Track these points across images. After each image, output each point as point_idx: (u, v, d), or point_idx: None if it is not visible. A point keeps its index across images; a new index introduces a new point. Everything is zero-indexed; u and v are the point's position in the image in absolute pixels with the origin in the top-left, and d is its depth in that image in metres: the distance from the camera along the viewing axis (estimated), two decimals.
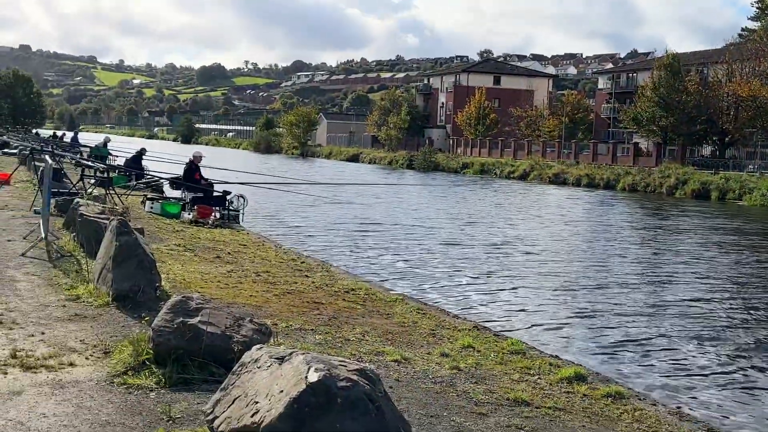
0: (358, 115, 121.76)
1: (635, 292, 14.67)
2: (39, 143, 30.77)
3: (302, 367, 3.90)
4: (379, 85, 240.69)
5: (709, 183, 46.49)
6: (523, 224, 27.00)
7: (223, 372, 5.44)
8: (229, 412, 4.12)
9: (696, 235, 25.83)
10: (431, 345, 8.03)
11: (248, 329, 6.11)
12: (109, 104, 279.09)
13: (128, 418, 4.98)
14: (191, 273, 10.55)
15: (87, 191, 17.47)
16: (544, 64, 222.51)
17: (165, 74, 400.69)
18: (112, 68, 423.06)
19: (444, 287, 14.18)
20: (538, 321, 11.81)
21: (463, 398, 6.18)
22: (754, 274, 17.76)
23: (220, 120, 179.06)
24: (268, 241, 17.11)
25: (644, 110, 61.18)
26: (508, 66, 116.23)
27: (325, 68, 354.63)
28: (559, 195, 44.65)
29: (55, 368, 5.89)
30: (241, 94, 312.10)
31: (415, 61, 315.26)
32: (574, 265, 17.91)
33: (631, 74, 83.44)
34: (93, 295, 8.22)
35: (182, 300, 6.20)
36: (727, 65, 58.71)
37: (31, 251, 10.67)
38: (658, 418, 6.33)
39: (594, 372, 8.00)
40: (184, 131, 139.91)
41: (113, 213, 11.75)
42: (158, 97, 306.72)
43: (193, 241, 14.05)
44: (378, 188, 43.80)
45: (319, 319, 8.59)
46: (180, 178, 19.35)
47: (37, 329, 6.94)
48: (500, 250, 19.91)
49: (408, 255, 18.00)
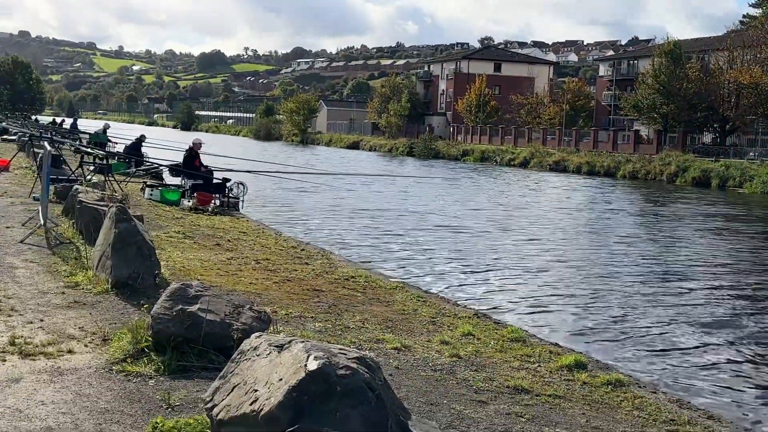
0: (358, 102, 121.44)
1: (635, 279, 14.65)
2: (38, 130, 30.68)
3: (302, 355, 3.88)
4: (379, 72, 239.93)
5: (709, 170, 46.40)
6: (523, 212, 26.96)
7: (223, 360, 5.43)
8: (228, 400, 4.09)
9: (695, 222, 25.81)
10: (431, 333, 8.01)
11: (248, 317, 6.08)
12: (108, 91, 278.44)
13: (127, 405, 4.96)
14: (191, 260, 10.53)
15: (86, 178, 17.42)
16: (544, 51, 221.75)
17: (164, 61, 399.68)
18: (112, 55, 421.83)
19: (444, 275, 14.16)
20: (538, 308, 11.80)
21: (463, 386, 6.16)
22: (755, 262, 17.74)
23: (219, 107, 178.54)
24: (268, 228, 17.09)
25: (645, 97, 61.02)
26: (509, 53, 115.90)
27: (325, 55, 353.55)
28: (559, 182, 44.60)
29: (54, 355, 5.88)
30: (241, 81, 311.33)
31: (415, 48, 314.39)
32: (574, 253, 17.88)
33: (632, 61, 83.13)
34: (92, 282, 8.20)
35: (181, 287, 6.18)
36: (728, 52, 58.49)
37: (30, 238, 10.64)
38: (658, 406, 6.32)
39: (594, 359, 7.99)
40: (184, 118, 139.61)
41: (112, 200, 11.71)
42: (158, 83, 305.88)
43: (192, 229, 14.03)
44: (378, 176, 43.77)
45: (318, 306, 8.57)
46: (180, 165, 19.31)
47: (36, 316, 6.92)
48: (500, 237, 19.88)
49: (408, 242, 17.98)
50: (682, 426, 5.84)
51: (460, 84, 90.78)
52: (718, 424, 6.16)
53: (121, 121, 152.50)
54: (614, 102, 77.53)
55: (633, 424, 5.76)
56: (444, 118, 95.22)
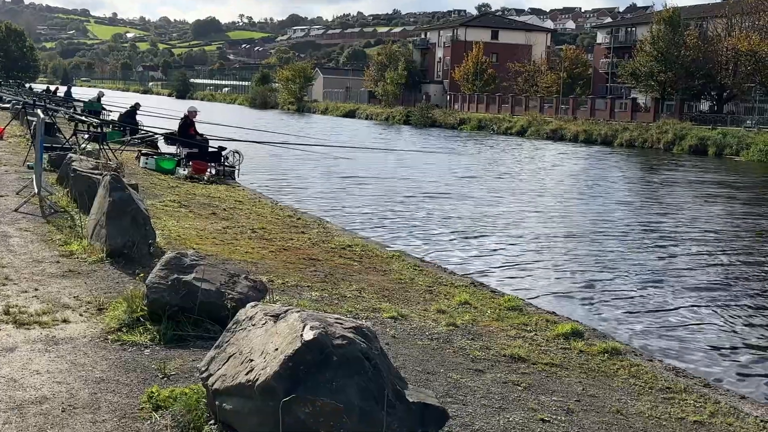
0: (354, 70, 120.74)
1: (632, 248, 14.66)
2: (32, 98, 30.45)
3: (297, 324, 3.85)
4: (375, 39, 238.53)
5: (706, 138, 46.29)
6: (519, 180, 26.92)
7: (218, 329, 5.40)
8: (224, 370, 4.07)
9: (691, 190, 25.79)
10: (428, 302, 8.00)
11: (243, 286, 6.05)
12: (102, 58, 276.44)
13: (122, 375, 4.94)
14: (186, 229, 10.48)
15: (80, 146, 17.31)
16: (542, 18, 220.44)
17: (159, 28, 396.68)
18: (105, 22, 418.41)
19: (440, 243, 14.15)
20: (535, 277, 11.80)
21: (459, 355, 6.16)
22: (751, 230, 17.75)
23: (215, 75, 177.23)
24: (264, 197, 17.03)
25: (643, 65, 60.68)
26: (506, 20, 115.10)
27: (320, 22, 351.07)
28: (555, 150, 44.49)
29: (49, 325, 5.85)
30: (236, 49, 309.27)
31: (412, 15, 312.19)
32: (571, 222, 17.87)
33: (629, 28, 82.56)
34: (87, 251, 8.15)
35: (176, 256, 6.14)
36: (726, 19, 58.12)
37: (24, 206, 10.58)
38: (654, 374, 6.32)
39: (590, 328, 7.99)
40: (179, 86, 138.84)
41: (107, 168, 11.64)
42: (152, 51, 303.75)
43: (188, 197, 13.97)
44: (375, 143, 43.60)
45: (315, 275, 8.55)
46: (175, 133, 19.18)
47: (31, 285, 6.88)
48: (496, 206, 19.86)
49: (404, 211, 17.94)
50: (678, 394, 5.85)
51: (457, 52, 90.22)
52: (714, 392, 6.18)
53: (115, 89, 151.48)
54: (612, 70, 77.18)
55: (629, 392, 5.77)
56: (441, 87, 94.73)
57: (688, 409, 5.52)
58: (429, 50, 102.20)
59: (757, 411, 5.74)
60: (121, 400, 4.53)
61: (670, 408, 5.49)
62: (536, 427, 4.73)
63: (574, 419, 4.97)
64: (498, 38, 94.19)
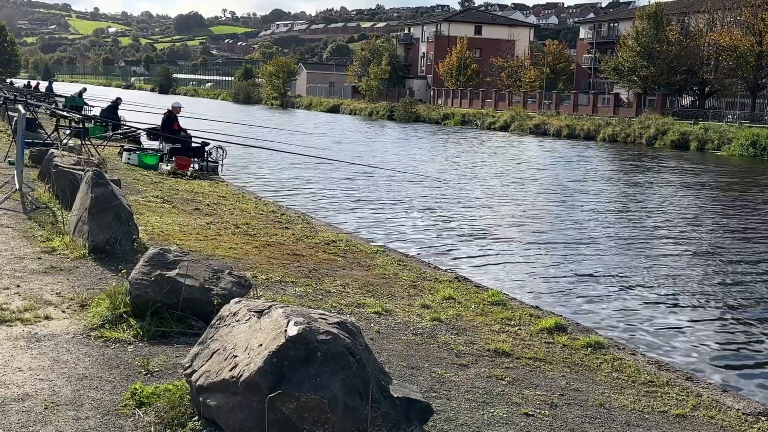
0: (338, 66, 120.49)
1: (614, 243, 14.73)
2: (13, 93, 30.19)
3: (281, 320, 3.84)
4: (359, 34, 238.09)
5: (688, 133, 46.59)
6: (501, 175, 26.97)
7: (202, 325, 5.38)
8: (208, 366, 4.06)
9: (673, 185, 25.95)
10: (412, 297, 8.00)
11: (227, 282, 6.03)
12: (84, 53, 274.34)
13: (105, 371, 4.91)
14: (169, 225, 10.43)
15: (62, 142, 17.18)
16: (525, 13, 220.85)
17: (141, 23, 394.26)
18: (87, 16, 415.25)
19: (424, 239, 14.16)
20: (519, 272, 11.84)
21: (443, 349, 6.17)
22: (733, 225, 17.88)
23: (198, 70, 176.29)
24: (248, 192, 16.97)
25: (625, 60, 61.00)
26: (490, 15, 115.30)
27: (304, 17, 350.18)
28: (539, 145, 44.62)
29: (31, 321, 5.80)
30: (219, 44, 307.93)
31: (395, 11, 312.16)
32: (553, 217, 17.93)
33: (612, 24, 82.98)
34: (69, 248, 8.09)
35: (160, 252, 6.11)
36: (708, 14, 58.48)
37: (6, 203, 10.49)
38: (638, 368, 6.36)
39: (574, 322, 8.02)
40: (162, 81, 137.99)
41: (89, 164, 11.56)
42: (134, 46, 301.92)
43: (171, 193, 13.90)
44: (358, 138, 43.56)
45: (299, 271, 8.53)
46: (158, 128, 19.06)
47: (12, 282, 6.82)
48: (479, 201, 19.90)
49: (389, 206, 17.94)
50: (661, 387, 5.89)
51: (441, 47, 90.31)
52: (696, 385, 6.22)
53: (97, 84, 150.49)
54: (594, 65, 77.53)
55: (612, 385, 5.80)
56: (425, 82, 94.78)
57: (670, 402, 5.55)
58: (412, 45, 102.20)
59: (738, 404, 5.78)
60: (104, 396, 4.50)
61: (652, 401, 5.52)
62: (520, 421, 4.74)
63: (557, 413, 4.99)
64: (481, 33, 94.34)
